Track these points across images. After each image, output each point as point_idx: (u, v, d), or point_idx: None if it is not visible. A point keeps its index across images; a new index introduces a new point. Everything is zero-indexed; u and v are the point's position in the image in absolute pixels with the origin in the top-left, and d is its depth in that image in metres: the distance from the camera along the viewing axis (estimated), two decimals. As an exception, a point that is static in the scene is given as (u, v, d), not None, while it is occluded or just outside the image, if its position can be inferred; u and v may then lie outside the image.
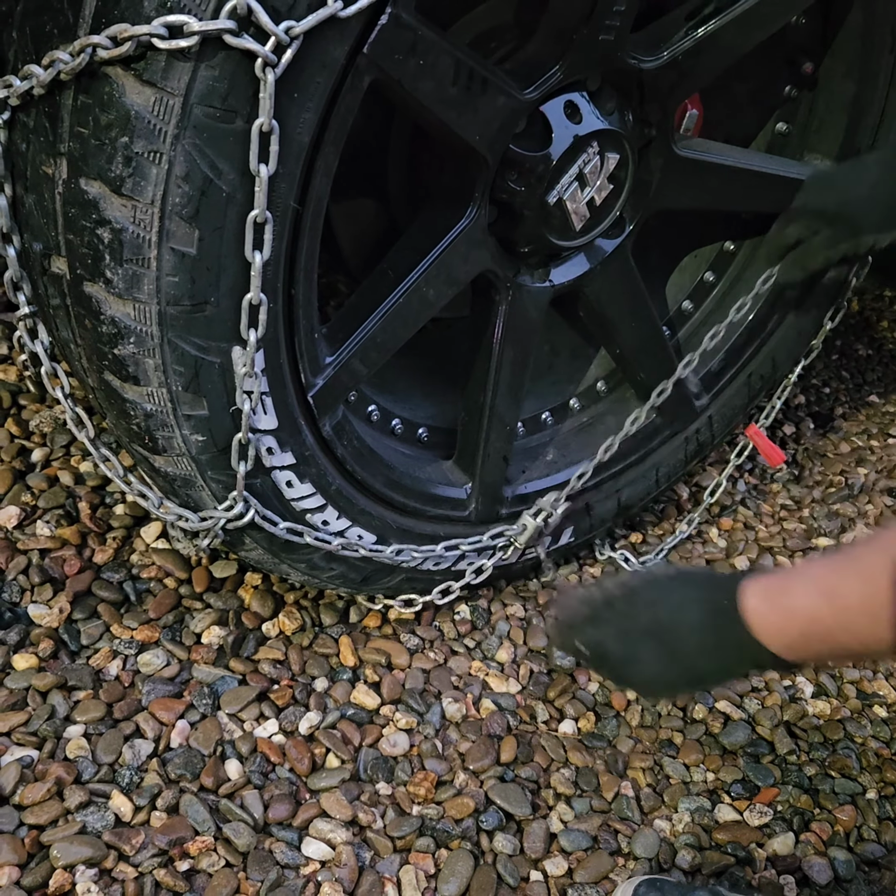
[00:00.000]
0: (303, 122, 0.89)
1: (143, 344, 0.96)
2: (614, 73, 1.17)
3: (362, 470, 1.23)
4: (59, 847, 1.08)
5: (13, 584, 1.35)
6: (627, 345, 1.46)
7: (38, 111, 0.90)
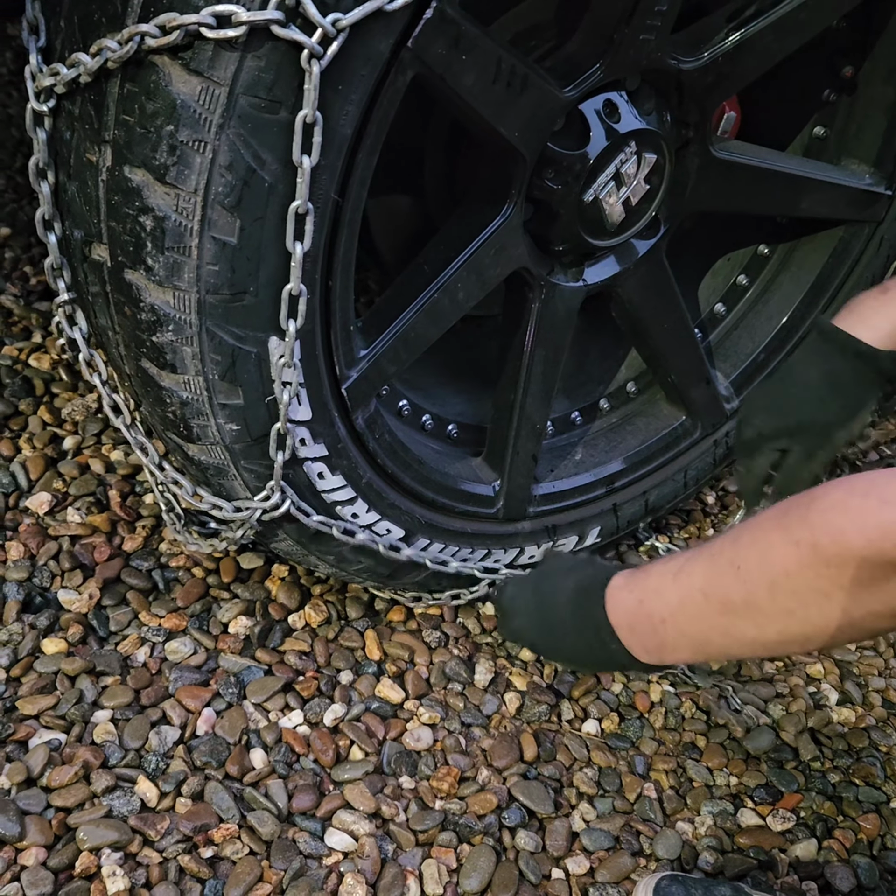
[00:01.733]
0: (346, 115, 0.90)
1: (182, 332, 0.96)
2: (654, 73, 1.17)
3: (392, 464, 1.23)
4: (86, 830, 1.10)
5: (44, 569, 1.36)
6: (659, 346, 1.45)
7: (83, 99, 0.91)
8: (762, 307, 1.56)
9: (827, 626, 0.82)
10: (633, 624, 1.01)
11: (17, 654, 1.26)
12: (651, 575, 1.00)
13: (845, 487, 0.78)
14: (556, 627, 1.12)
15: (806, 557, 0.79)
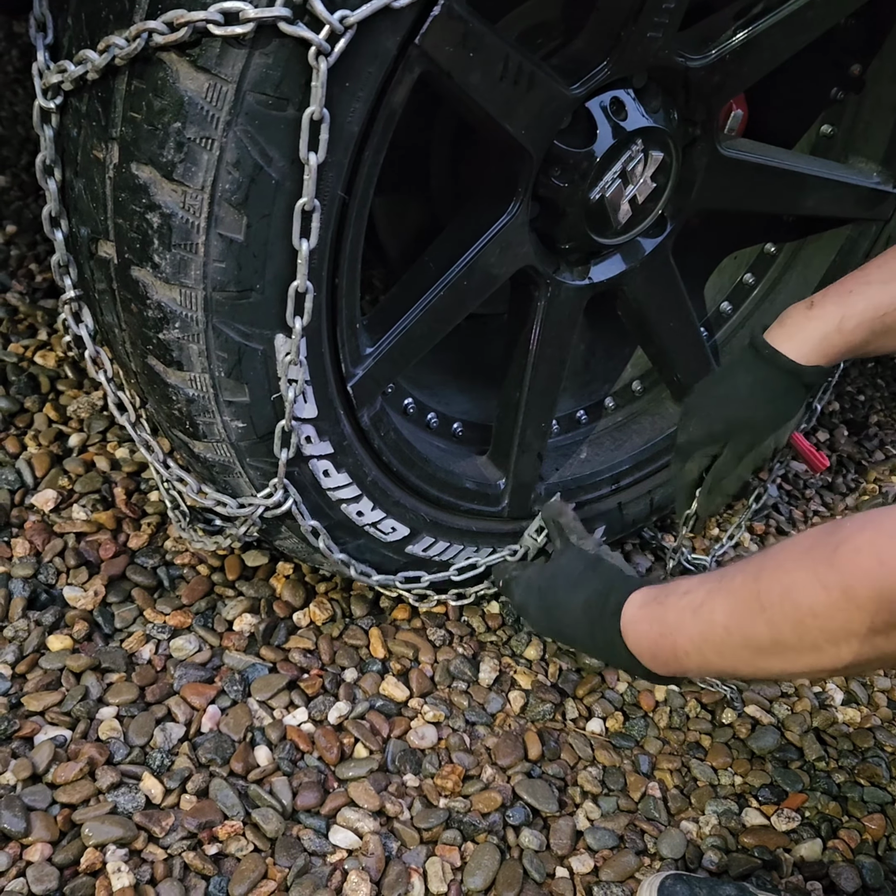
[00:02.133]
0: (353, 112, 0.89)
1: (188, 329, 0.96)
2: (661, 70, 1.17)
3: (398, 462, 1.23)
4: (91, 826, 1.09)
5: (49, 566, 1.36)
6: (665, 345, 1.45)
7: (90, 96, 0.91)
8: (768, 306, 1.56)
9: (857, 660, 0.81)
10: (656, 654, 1.03)
11: (23, 651, 1.26)
12: (669, 610, 1.00)
13: (872, 528, 0.78)
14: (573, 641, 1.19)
15: (837, 601, 0.79)
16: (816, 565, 0.81)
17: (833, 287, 1.18)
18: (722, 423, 1.26)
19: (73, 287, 1.07)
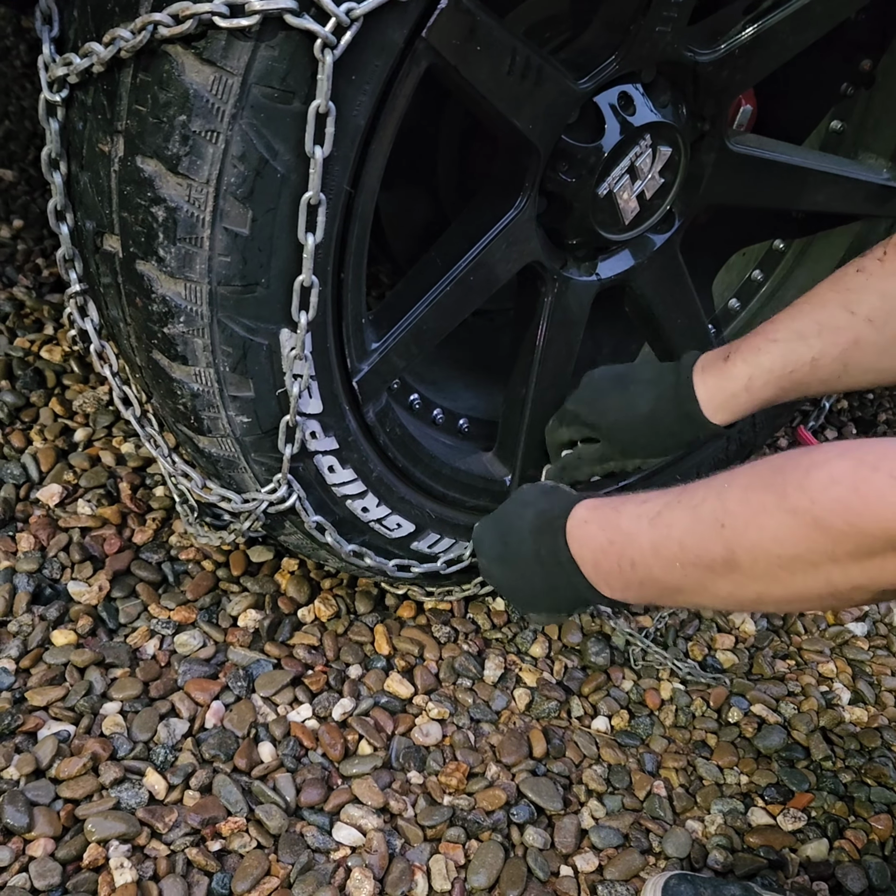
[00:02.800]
0: (359, 105, 0.89)
1: (193, 323, 0.96)
2: (669, 65, 1.16)
3: (403, 458, 1.23)
4: (94, 821, 1.09)
5: (54, 560, 1.36)
6: (672, 342, 1.44)
7: (96, 89, 0.91)
8: (777, 303, 1.55)
9: (808, 593, 0.80)
10: (600, 561, 0.99)
11: (27, 646, 1.26)
12: (622, 515, 0.97)
13: (852, 458, 0.75)
14: (517, 562, 1.12)
15: (802, 528, 0.77)
16: (785, 489, 0.78)
17: (745, 341, 1.15)
18: (608, 424, 1.24)
19: (79, 281, 1.06)
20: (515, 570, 1.13)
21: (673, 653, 1.49)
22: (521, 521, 1.13)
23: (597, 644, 1.47)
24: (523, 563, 1.12)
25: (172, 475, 1.21)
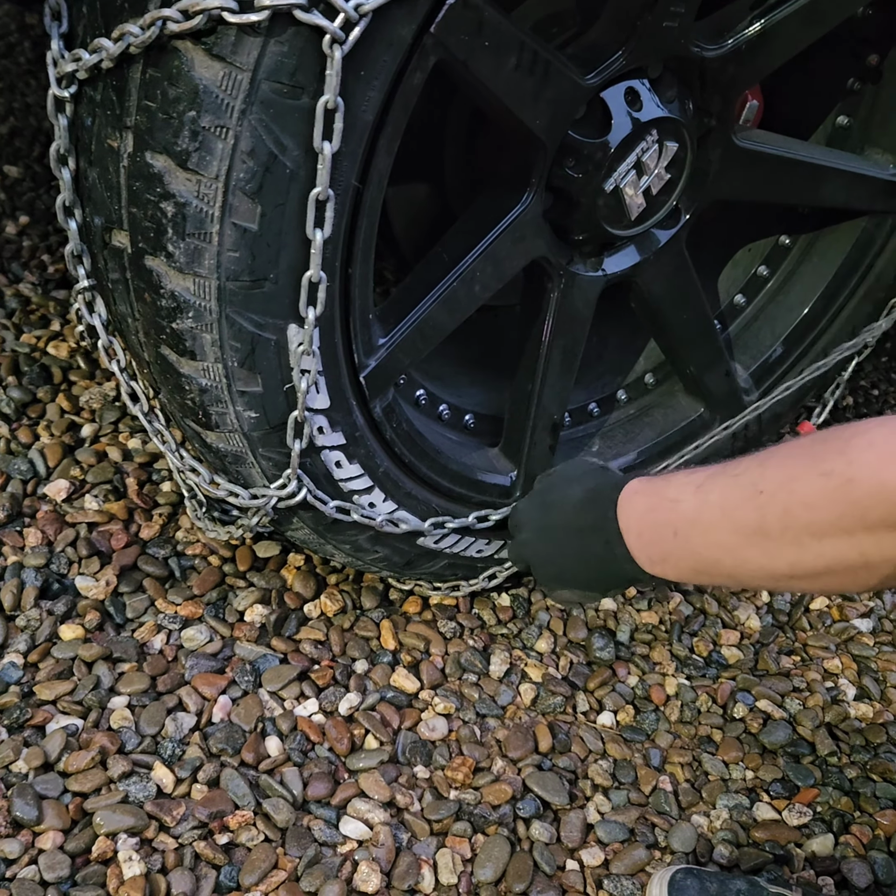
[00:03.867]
0: (367, 101, 0.89)
1: (202, 319, 0.96)
2: (676, 60, 1.16)
3: (410, 453, 1.23)
4: (102, 815, 1.10)
5: (61, 555, 1.36)
6: (678, 338, 1.45)
7: (105, 85, 0.91)
8: (783, 298, 1.55)
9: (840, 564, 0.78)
10: (643, 530, 0.98)
11: (35, 640, 1.27)
12: (671, 484, 0.96)
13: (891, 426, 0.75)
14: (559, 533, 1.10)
15: (835, 491, 0.75)
16: (824, 453, 0.77)
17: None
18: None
19: (87, 277, 1.07)
20: (556, 541, 1.11)
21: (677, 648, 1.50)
22: (569, 492, 1.11)
23: (602, 639, 1.48)
24: (566, 533, 1.09)
25: (181, 470, 1.22)
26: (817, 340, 1.55)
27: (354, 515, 1.19)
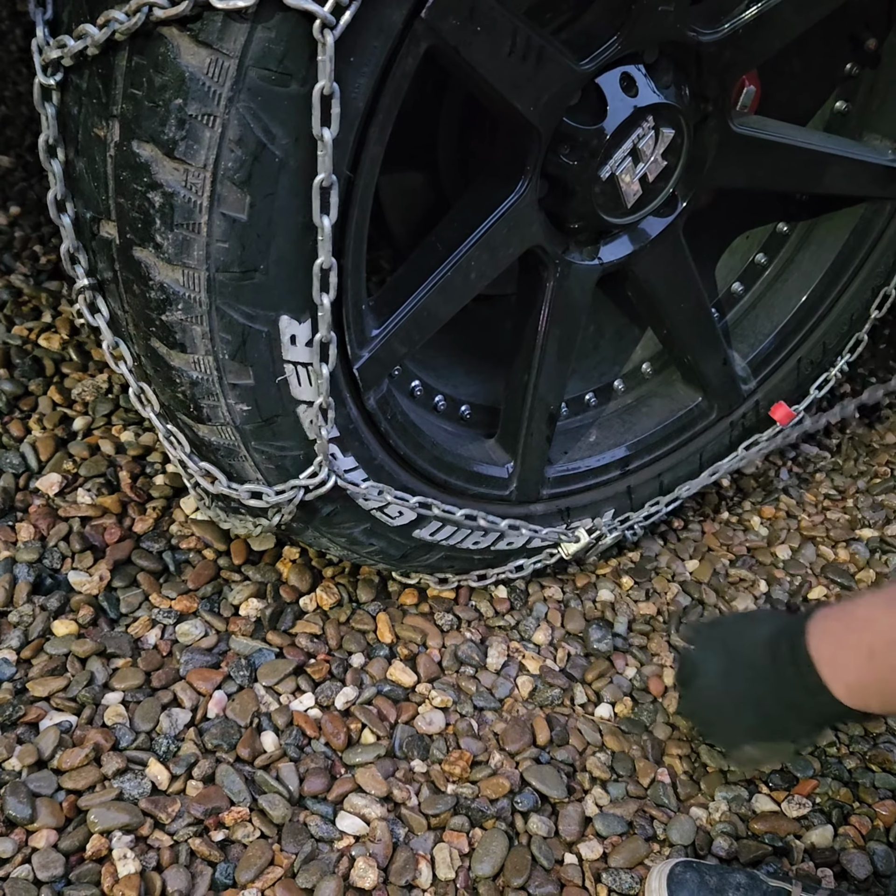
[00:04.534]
0: (357, 87, 0.87)
1: (191, 311, 0.95)
2: (672, 45, 1.14)
3: (405, 445, 1.22)
4: (97, 812, 1.09)
5: (54, 550, 1.35)
6: (675, 326, 1.43)
7: (91, 72, 0.89)
8: (781, 286, 1.54)
9: None
10: (836, 655, 0.91)
11: (28, 636, 1.26)
12: (859, 605, 0.91)
13: None
14: (746, 673, 1.04)
15: None
16: None
17: None
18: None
19: (87, 275, 1.04)
20: (741, 682, 1.05)
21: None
22: (754, 628, 1.07)
23: (599, 631, 1.47)
24: (753, 671, 1.03)
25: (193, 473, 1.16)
26: (815, 328, 1.54)
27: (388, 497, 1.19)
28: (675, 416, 1.52)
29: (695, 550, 1.67)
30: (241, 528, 1.27)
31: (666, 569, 1.62)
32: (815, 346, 1.56)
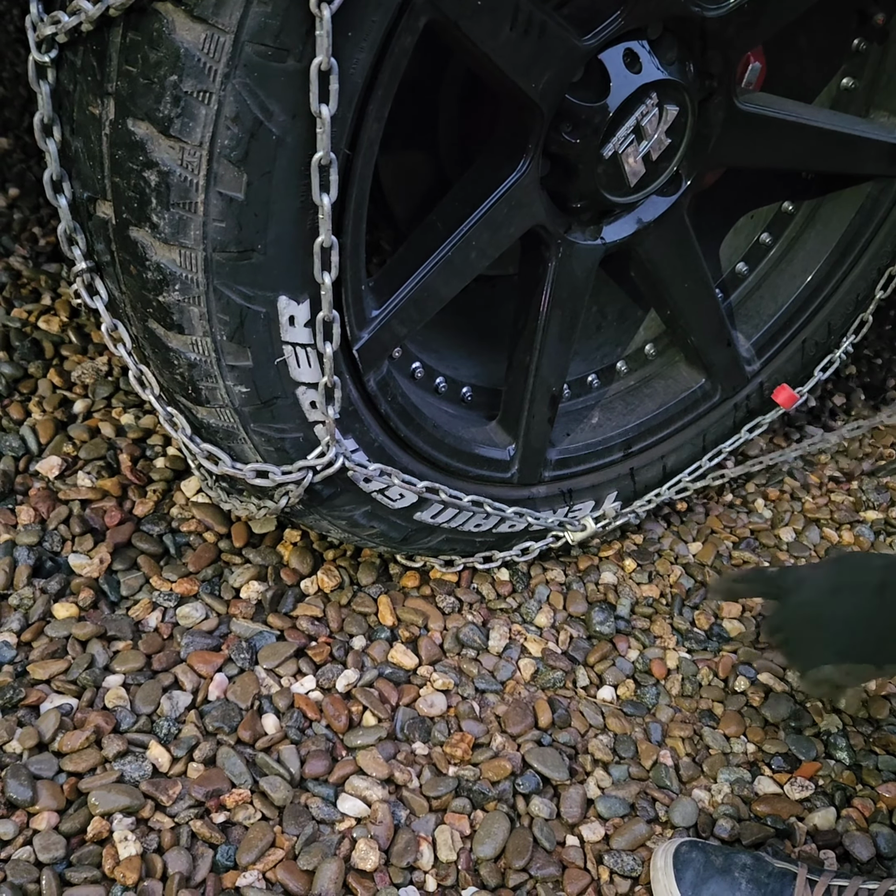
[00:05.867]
0: (356, 63, 0.86)
1: (188, 291, 0.94)
2: (676, 21, 1.12)
3: (405, 427, 1.21)
4: (97, 795, 1.09)
5: (54, 533, 1.35)
6: (679, 307, 1.42)
7: (85, 49, 0.88)
8: (786, 266, 1.52)
9: None
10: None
11: (29, 619, 1.25)
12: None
13: None
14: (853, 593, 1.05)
15: None
16: None
17: None
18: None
19: (84, 258, 1.03)
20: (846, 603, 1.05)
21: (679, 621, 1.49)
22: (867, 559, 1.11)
23: (602, 613, 1.46)
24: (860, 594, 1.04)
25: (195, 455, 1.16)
26: (820, 309, 1.52)
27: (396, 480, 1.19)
28: (679, 397, 1.51)
29: (698, 533, 1.66)
30: (242, 510, 1.26)
31: (669, 551, 1.61)
32: (820, 327, 1.55)
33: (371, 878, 1.10)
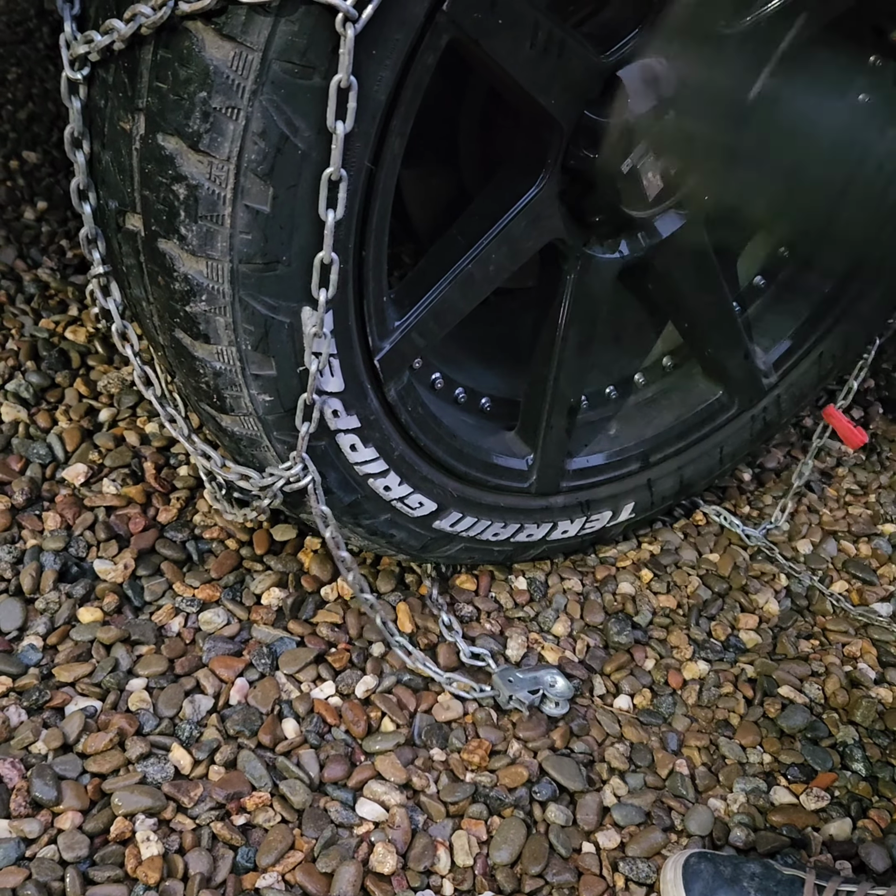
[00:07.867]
0: (380, 80, 0.88)
1: (215, 302, 0.96)
2: (694, 38, 1.14)
3: (425, 437, 1.23)
4: (120, 795, 1.11)
5: (80, 539, 1.37)
6: (696, 320, 1.43)
7: (117, 66, 0.90)
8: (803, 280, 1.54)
9: None
10: None
11: (54, 623, 1.28)
12: None
13: None
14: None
15: None
16: None
17: None
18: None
19: (102, 261, 1.06)
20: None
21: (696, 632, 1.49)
22: None
23: (619, 623, 1.47)
24: None
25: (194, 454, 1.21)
26: (837, 323, 1.53)
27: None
28: (696, 409, 1.52)
29: (715, 544, 1.67)
30: (241, 518, 1.29)
31: (686, 562, 1.62)
32: (837, 341, 1.55)
33: (388, 882, 1.12)
